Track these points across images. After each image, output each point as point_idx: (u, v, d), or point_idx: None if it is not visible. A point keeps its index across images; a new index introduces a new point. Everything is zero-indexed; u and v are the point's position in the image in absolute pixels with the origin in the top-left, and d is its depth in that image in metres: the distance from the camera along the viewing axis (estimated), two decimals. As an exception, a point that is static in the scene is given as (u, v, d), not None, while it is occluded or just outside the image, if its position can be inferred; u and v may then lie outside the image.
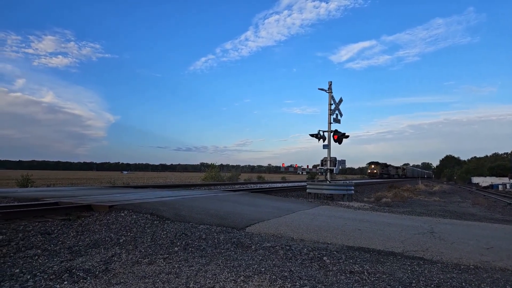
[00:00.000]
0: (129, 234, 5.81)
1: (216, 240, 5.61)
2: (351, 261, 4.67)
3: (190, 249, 5.10)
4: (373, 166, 70.63)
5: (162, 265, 4.32)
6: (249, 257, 4.69)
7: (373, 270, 4.27)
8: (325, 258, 4.76)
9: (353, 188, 16.29)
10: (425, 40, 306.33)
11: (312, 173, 46.40)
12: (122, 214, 7.14)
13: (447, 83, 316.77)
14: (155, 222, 6.70)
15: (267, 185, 24.93)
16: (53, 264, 4.19)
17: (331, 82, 16.99)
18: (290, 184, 26.82)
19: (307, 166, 20.31)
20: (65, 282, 3.62)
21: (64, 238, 5.43)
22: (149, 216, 7.08)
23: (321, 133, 16.80)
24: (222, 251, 5.05)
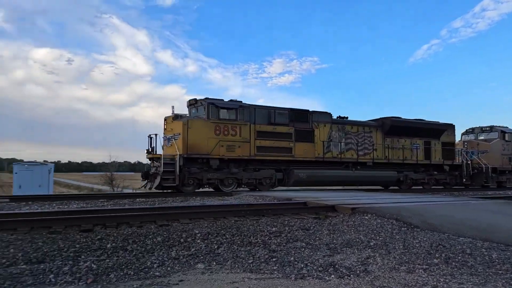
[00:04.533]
0: (378, 238, 5.77)
1: (487, 258, 4.64)
2: None
3: (453, 263, 4.45)
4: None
5: (423, 276, 3.96)
6: (548, 287, 3.54)
7: None
8: None
9: None
10: None
11: None
12: (366, 217, 7.24)
13: None
14: (402, 228, 6.36)
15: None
16: (317, 258, 4.71)
17: None
18: None
19: None
20: (332, 276, 3.95)
21: (320, 235, 6.05)
22: (394, 221, 6.81)
23: None
24: (500, 272, 4.09)
